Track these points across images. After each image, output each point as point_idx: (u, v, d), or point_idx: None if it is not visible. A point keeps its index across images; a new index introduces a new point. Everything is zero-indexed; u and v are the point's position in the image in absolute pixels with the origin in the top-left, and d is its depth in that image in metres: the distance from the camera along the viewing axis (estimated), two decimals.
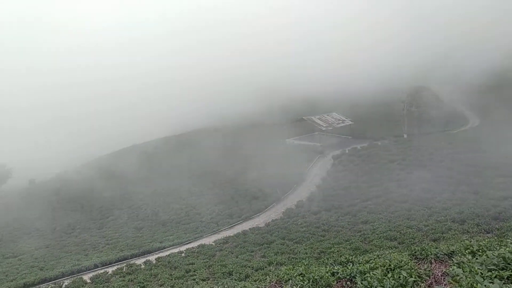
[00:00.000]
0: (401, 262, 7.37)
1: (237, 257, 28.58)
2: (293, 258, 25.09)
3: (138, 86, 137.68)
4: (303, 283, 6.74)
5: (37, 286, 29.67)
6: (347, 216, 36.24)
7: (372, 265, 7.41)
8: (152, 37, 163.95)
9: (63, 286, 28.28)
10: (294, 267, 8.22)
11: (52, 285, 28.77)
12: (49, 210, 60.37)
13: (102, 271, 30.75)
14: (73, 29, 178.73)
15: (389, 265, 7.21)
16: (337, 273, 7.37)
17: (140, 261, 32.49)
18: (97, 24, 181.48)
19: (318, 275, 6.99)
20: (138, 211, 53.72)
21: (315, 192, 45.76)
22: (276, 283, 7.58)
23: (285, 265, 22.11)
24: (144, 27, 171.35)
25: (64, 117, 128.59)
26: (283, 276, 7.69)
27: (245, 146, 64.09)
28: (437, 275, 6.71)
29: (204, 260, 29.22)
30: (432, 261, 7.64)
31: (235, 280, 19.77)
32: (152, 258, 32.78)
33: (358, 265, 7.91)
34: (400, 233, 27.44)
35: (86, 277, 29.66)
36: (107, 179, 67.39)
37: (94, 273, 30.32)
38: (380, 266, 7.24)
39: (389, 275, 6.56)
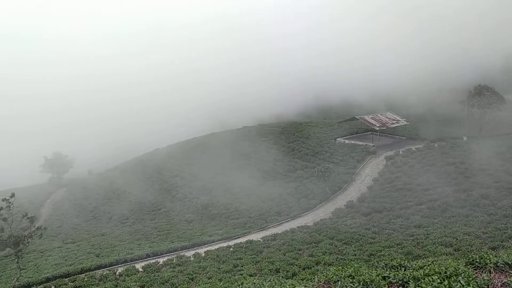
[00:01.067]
0: (458, 269, 7.00)
1: (284, 255, 28.56)
2: (341, 259, 24.70)
3: (178, 86, 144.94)
4: (353, 285, 6.57)
5: (93, 272, 31.17)
6: (399, 219, 35.15)
7: (426, 271, 7.09)
8: (194, 41, 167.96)
9: (117, 273, 29.51)
10: (343, 268, 8.05)
11: (107, 272, 30.08)
12: (105, 200, 63.24)
13: (153, 260, 31.80)
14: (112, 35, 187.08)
15: (445, 272, 6.87)
16: (389, 277, 7.12)
17: (189, 253, 33.28)
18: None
19: (368, 278, 6.79)
20: (189, 204, 55.01)
21: (366, 193, 44.74)
22: (324, 283, 7.45)
23: (333, 266, 21.80)
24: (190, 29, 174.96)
25: (115, 115, 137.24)
26: (332, 277, 7.54)
27: (293, 145, 63.74)
28: (497, 285, 6.32)
29: (252, 256, 29.43)
30: (492, 270, 7.20)
31: (282, 277, 19.75)
32: (201, 251, 33.46)
33: (411, 270, 7.60)
34: (457, 239, 26.26)
35: (139, 266, 30.78)
36: (159, 172, 69.49)
37: (146, 262, 31.42)
38: (436, 272, 6.91)
39: (445, 282, 6.25)
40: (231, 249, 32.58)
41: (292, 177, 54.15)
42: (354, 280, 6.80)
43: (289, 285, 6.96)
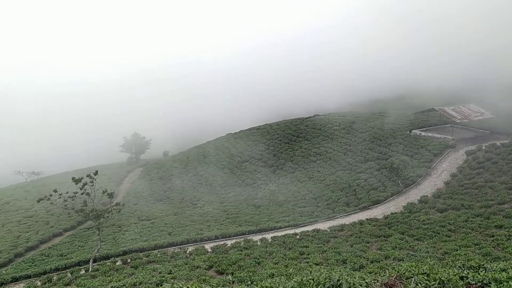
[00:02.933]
0: None
1: (351, 246, 28.06)
2: (412, 255, 23.73)
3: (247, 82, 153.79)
4: (429, 283, 6.25)
5: (165, 249, 32.82)
6: (478, 218, 32.96)
7: (510, 274, 6.57)
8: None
9: (187, 251, 30.80)
10: (417, 264, 7.69)
11: (178, 249, 31.52)
12: (178, 181, 66.00)
13: (221, 242, 32.75)
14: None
15: None
16: (467, 277, 6.70)
17: (256, 237, 33.81)
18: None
19: (445, 277, 6.42)
20: (257, 190, 55.80)
21: (442, 189, 42.45)
22: (395, 278, 7.17)
23: (403, 261, 21.03)
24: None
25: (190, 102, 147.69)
26: (404, 273, 7.24)
27: (365, 135, 61.97)
28: None
29: (318, 245, 29.26)
30: None
31: (349, 269, 19.43)
32: (268, 236, 33.85)
33: (492, 272, 7.08)
34: None
35: (208, 246, 31.88)
36: (229, 157, 71.03)
37: (214, 244, 32.45)
38: None
39: None
40: (298, 236, 32.62)
41: (362, 168, 52.76)
42: (429, 278, 6.47)
43: (359, 277, 6.78)
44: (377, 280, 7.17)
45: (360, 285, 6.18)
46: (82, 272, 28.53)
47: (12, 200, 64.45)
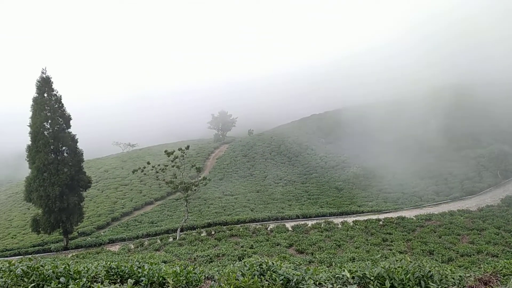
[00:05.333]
0: None
1: (440, 237, 26.64)
2: (508, 252, 21.96)
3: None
4: None
5: (247, 224, 33.81)
6: None
7: None
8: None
9: (268, 228, 31.42)
10: None
11: (260, 226, 32.27)
12: (262, 160, 67.06)
13: (302, 222, 32.89)
14: None
15: None
16: None
17: (337, 220, 33.44)
18: None
19: None
20: (340, 172, 54.92)
21: None
22: (491, 274, 6.66)
23: (498, 257, 19.57)
24: None
25: None
26: (501, 269, 6.70)
27: (460, 121, 57.67)
28: None
29: (403, 233, 28.21)
30: None
31: (436, 260, 18.53)
32: (349, 220, 33.30)
33: None
34: None
35: (288, 225, 32.22)
36: (312, 138, 70.52)
37: (295, 223, 32.70)
38: None
39: None
40: (381, 222, 31.68)
41: (456, 156, 49.41)
42: None
43: (450, 269, 6.41)
44: (470, 275, 6.73)
45: (453, 279, 5.82)
46: (170, 239, 30.46)
47: (111, 169, 70.30)
